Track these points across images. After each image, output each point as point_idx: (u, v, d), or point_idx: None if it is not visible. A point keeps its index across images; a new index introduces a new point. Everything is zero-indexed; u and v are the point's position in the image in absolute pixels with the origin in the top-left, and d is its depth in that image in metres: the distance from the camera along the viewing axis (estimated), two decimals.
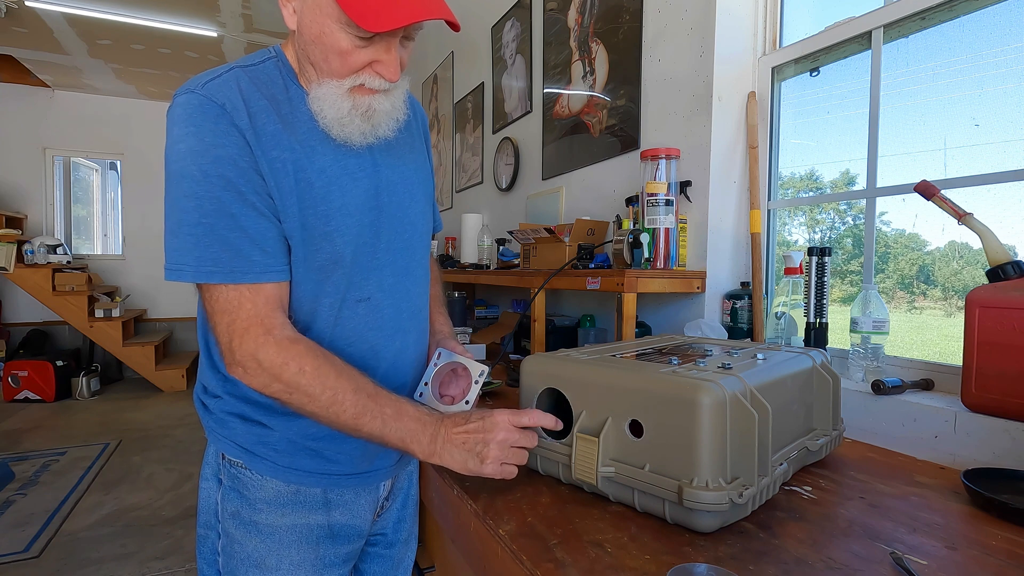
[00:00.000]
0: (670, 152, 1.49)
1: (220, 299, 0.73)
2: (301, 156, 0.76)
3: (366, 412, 0.73)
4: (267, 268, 0.74)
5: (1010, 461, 0.95)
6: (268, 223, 0.74)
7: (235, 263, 0.71)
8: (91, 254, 6.78)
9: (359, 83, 0.75)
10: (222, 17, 4.52)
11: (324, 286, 0.79)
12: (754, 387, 0.74)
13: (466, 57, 3.38)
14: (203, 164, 0.71)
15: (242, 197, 0.72)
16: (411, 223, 0.89)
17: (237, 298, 0.72)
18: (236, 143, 0.72)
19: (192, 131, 0.71)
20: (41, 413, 4.92)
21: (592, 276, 1.50)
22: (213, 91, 0.72)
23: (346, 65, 0.73)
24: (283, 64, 0.80)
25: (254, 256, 0.73)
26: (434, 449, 0.76)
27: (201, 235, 0.71)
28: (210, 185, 0.71)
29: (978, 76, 1.20)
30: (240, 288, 0.72)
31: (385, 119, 0.79)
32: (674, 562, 0.63)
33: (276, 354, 0.71)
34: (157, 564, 2.45)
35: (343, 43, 0.71)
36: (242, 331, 0.72)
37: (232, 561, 0.82)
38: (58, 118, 6.36)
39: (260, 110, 0.74)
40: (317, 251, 0.78)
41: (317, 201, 0.77)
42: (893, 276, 1.42)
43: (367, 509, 0.91)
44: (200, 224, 0.71)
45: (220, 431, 0.83)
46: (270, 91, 0.77)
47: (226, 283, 0.72)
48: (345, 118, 0.76)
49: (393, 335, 0.87)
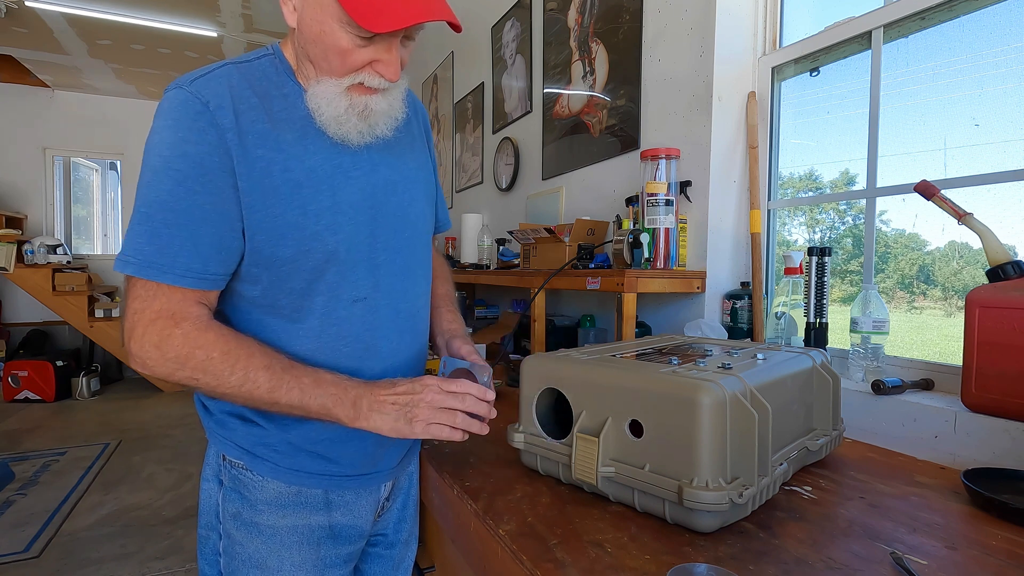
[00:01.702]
0: (670, 152, 1.49)
1: (136, 286, 0.72)
2: (289, 155, 0.76)
3: (281, 385, 0.72)
4: (188, 271, 0.72)
5: (1010, 461, 0.95)
6: (209, 227, 0.72)
7: (157, 258, 0.70)
8: (91, 254, 6.78)
9: (358, 81, 0.75)
10: (222, 17, 4.52)
11: (317, 284, 0.79)
12: (754, 387, 0.74)
13: (466, 57, 3.38)
14: (168, 157, 0.71)
15: (191, 194, 0.71)
16: (410, 223, 0.89)
17: (154, 292, 0.71)
18: (210, 143, 0.71)
19: (170, 124, 0.71)
20: (41, 413, 4.92)
21: (592, 276, 1.50)
22: (200, 88, 0.72)
23: (345, 64, 0.73)
24: (280, 61, 0.80)
25: (180, 256, 0.71)
26: (359, 413, 0.74)
27: (136, 223, 0.71)
28: (166, 177, 0.71)
29: (978, 76, 1.20)
30: (159, 285, 0.71)
31: (382, 119, 0.79)
32: (674, 562, 0.63)
33: (182, 344, 0.70)
34: (157, 564, 2.45)
35: (343, 42, 0.71)
36: (148, 321, 0.71)
37: (234, 562, 0.82)
38: (58, 118, 6.36)
39: (249, 108, 0.74)
40: (309, 249, 0.77)
41: (306, 200, 0.76)
42: (893, 276, 1.42)
43: (368, 510, 0.91)
44: (138, 212, 0.71)
45: (220, 432, 0.83)
46: (263, 88, 0.77)
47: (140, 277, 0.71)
48: (342, 116, 0.75)
49: (390, 335, 0.87)
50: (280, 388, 0.72)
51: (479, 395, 0.77)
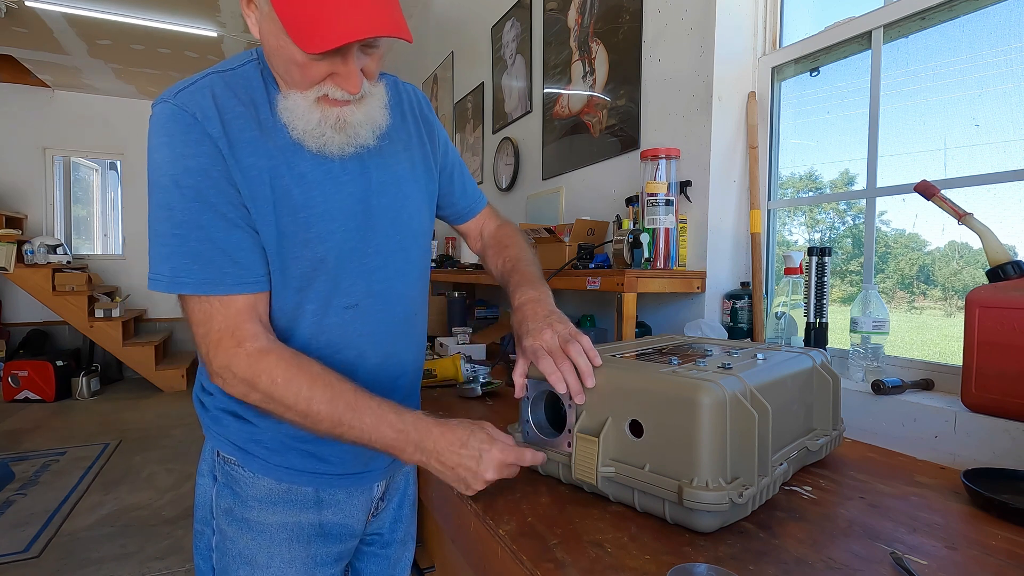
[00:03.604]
0: (670, 152, 1.49)
1: (194, 310, 0.73)
2: (280, 162, 0.75)
3: (342, 423, 0.72)
4: (239, 280, 0.73)
5: (1010, 461, 0.95)
6: (241, 234, 0.73)
7: (205, 274, 0.71)
8: (91, 254, 6.79)
9: (323, 93, 0.73)
10: (222, 17, 4.52)
11: (307, 293, 0.79)
12: (754, 387, 0.74)
13: (466, 57, 3.37)
14: (175, 174, 0.70)
15: (212, 208, 0.72)
16: (404, 224, 0.88)
17: (209, 310, 0.72)
18: (208, 152, 0.71)
19: (165, 141, 0.71)
20: (41, 413, 4.92)
21: (592, 276, 1.50)
22: (185, 100, 0.72)
23: (305, 77, 0.71)
24: (264, 67, 0.78)
25: (225, 268, 0.72)
26: (420, 460, 0.75)
27: (175, 246, 0.71)
28: (181, 196, 0.71)
29: (978, 76, 1.20)
30: (211, 300, 0.72)
31: (361, 129, 0.77)
32: (674, 562, 0.63)
33: (247, 367, 0.71)
34: (157, 564, 2.45)
35: (297, 56, 0.69)
36: (215, 343, 0.72)
37: (225, 557, 0.83)
38: (58, 118, 6.36)
39: (235, 117, 0.73)
40: (298, 258, 0.77)
41: (297, 207, 0.76)
42: (893, 276, 1.42)
43: (360, 509, 0.91)
44: (173, 235, 0.71)
45: (215, 428, 0.84)
46: (249, 96, 0.75)
47: (197, 295, 0.72)
48: (316, 130, 0.74)
49: (383, 341, 0.86)
50: (342, 426, 0.72)
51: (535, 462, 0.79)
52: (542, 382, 0.81)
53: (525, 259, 0.97)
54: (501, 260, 1.00)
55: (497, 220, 1.11)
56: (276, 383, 0.71)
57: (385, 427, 0.73)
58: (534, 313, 0.85)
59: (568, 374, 0.78)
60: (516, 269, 0.95)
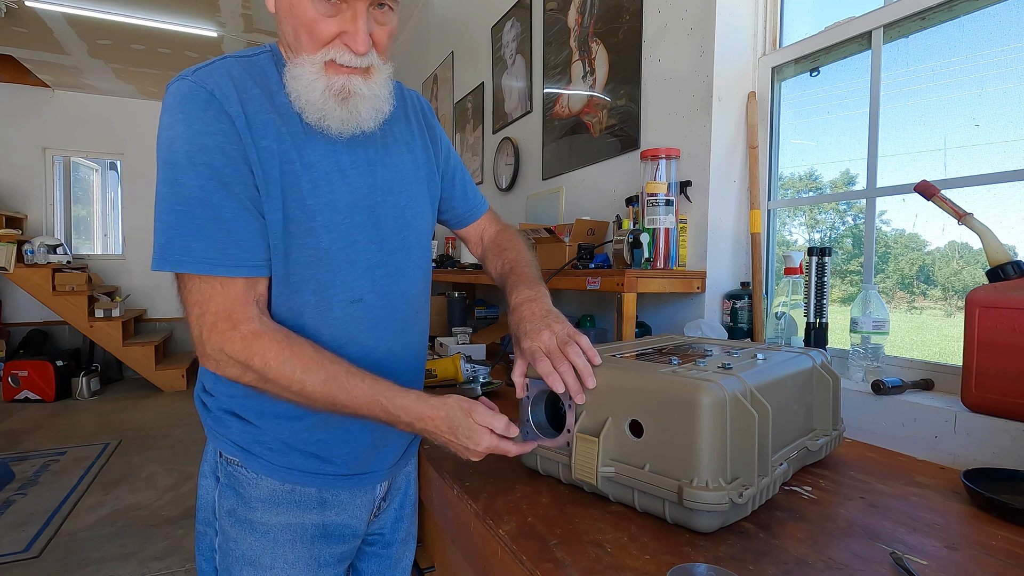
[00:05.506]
0: (670, 152, 1.49)
1: (192, 290, 0.72)
2: (291, 148, 0.75)
3: (336, 403, 0.73)
4: (242, 262, 0.73)
5: (1010, 461, 0.95)
6: (250, 216, 0.73)
7: (208, 254, 0.70)
8: (91, 254, 6.79)
9: (330, 58, 0.73)
10: (222, 17, 4.52)
11: (308, 283, 0.79)
12: (754, 387, 0.74)
13: (466, 57, 3.37)
14: (190, 151, 0.70)
15: (226, 187, 0.71)
16: (407, 223, 0.88)
17: (208, 291, 0.72)
18: (225, 131, 0.71)
19: (181, 118, 0.70)
20: (41, 413, 4.92)
21: (592, 276, 1.50)
22: (203, 77, 0.72)
23: (314, 37, 0.72)
24: (278, 58, 0.79)
25: (229, 249, 0.72)
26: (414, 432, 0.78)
27: (177, 223, 0.70)
28: (195, 173, 0.70)
29: (978, 76, 1.20)
30: (212, 281, 0.71)
31: (364, 105, 0.76)
32: (674, 562, 0.63)
33: (241, 349, 0.71)
34: (157, 564, 2.45)
35: (310, 11, 0.70)
36: (211, 325, 0.71)
37: (228, 559, 0.83)
38: (58, 118, 6.36)
39: (253, 98, 0.74)
40: (302, 245, 0.77)
41: (304, 195, 0.76)
42: (893, 276, 1.42)
43: (363, 510, 0.91)
44: (176, 211, 0.70)
45: (218, 429, 0.84)
46: (264, 82, 0.76)
47: (197, 274, 0.71)
48: (319, 100, 0.74)
49: (387, 337, 0.86)
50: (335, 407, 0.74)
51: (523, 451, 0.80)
52: (542, 382, 0.81)
53: (523, 261, 0.98)
54: (500, 263, 1.01)
55: (498, 225, 1.12)
56: (270, 364, 0.71)
57: (377, 410, 0.75)
58: (531, 313, 0.85)
59: (567, 375, 0.78)
60: (514, 270, 0.96)
